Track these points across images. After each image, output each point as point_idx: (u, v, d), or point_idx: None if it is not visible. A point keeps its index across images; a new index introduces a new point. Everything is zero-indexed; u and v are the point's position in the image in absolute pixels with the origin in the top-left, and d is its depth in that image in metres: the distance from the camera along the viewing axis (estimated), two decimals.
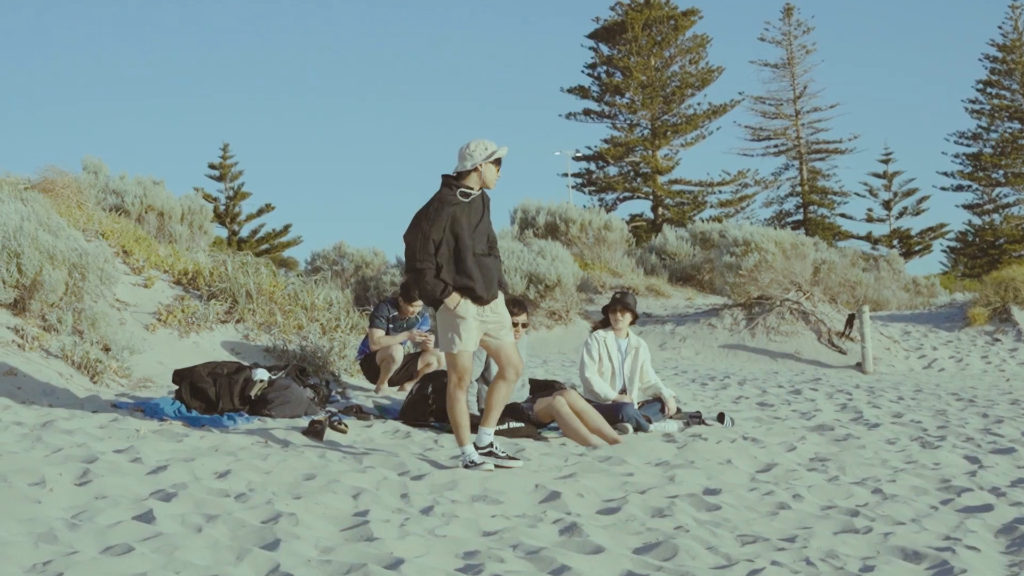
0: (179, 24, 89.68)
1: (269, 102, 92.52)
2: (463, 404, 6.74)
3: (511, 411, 8.41)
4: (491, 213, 6.86)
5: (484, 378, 8.43)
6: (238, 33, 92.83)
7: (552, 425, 8.45)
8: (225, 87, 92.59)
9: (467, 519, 5.35)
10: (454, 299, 6.59)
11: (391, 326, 10.31)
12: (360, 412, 8.77)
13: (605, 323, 9.24)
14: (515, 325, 8.46)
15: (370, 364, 10.35)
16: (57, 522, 4.68)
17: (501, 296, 6.88)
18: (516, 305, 8.52)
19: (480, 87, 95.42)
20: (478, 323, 6.69)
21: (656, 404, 9.17)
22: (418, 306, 10.31)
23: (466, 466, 6.64)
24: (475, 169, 6.67)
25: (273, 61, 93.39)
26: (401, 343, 10.26)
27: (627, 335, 9.23)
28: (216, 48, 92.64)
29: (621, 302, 9.13)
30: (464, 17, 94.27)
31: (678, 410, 9.33)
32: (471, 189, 6.68)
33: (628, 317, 9.14)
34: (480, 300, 6.67)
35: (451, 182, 6.69)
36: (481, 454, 6.72)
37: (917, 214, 58.86)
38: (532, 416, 8.37)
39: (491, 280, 6.72)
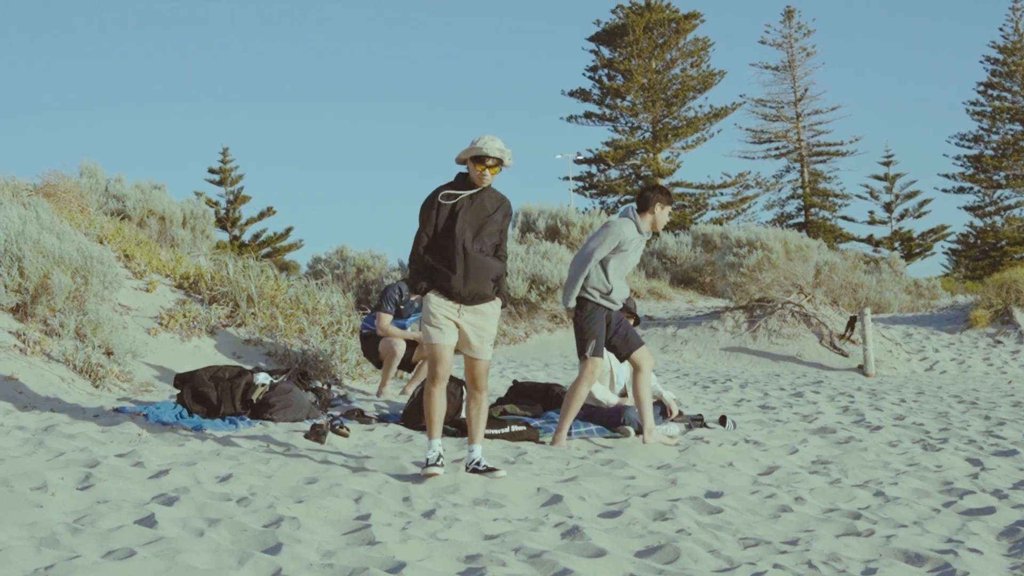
0: (178, 27, 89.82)
1: (268, 105, 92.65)
2: (435, 399, 6.53)
3: (512, 416, 8.43)
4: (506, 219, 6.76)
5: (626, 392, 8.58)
6: (237, 36, 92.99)
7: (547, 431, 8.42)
8: (224, 90, 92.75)
9: (469, 522, 5.35)
10: (428, 294, 6.57)
11: (402, 307, 10.25)
12: (362, 416, 8.77)
13: None
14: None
15: (369, 343, 10.32)
16: (59, 526, 4.68)
17: (495, 306, 6.68)
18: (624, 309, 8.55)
19: (481, 90, 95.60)
20: (451, 322, 6.55)
21: (657, 407, 9.16)
22: None
23: (428, 463, 6.43)
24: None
25: (272, 64, 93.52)
26: (405, 338, 10.17)
27: None
28: (215, 51, 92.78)
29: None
30: (465, 20, 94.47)
31: (680, 413, 9.32)
32: (467, 186, 6.63)
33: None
34: (454, 296, 6.53)
35: (458, 176, 6.71)
36: (469, 470, 6.57)
37: (918, 216, 58.88)
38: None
39: (477, 279, 6.54)
